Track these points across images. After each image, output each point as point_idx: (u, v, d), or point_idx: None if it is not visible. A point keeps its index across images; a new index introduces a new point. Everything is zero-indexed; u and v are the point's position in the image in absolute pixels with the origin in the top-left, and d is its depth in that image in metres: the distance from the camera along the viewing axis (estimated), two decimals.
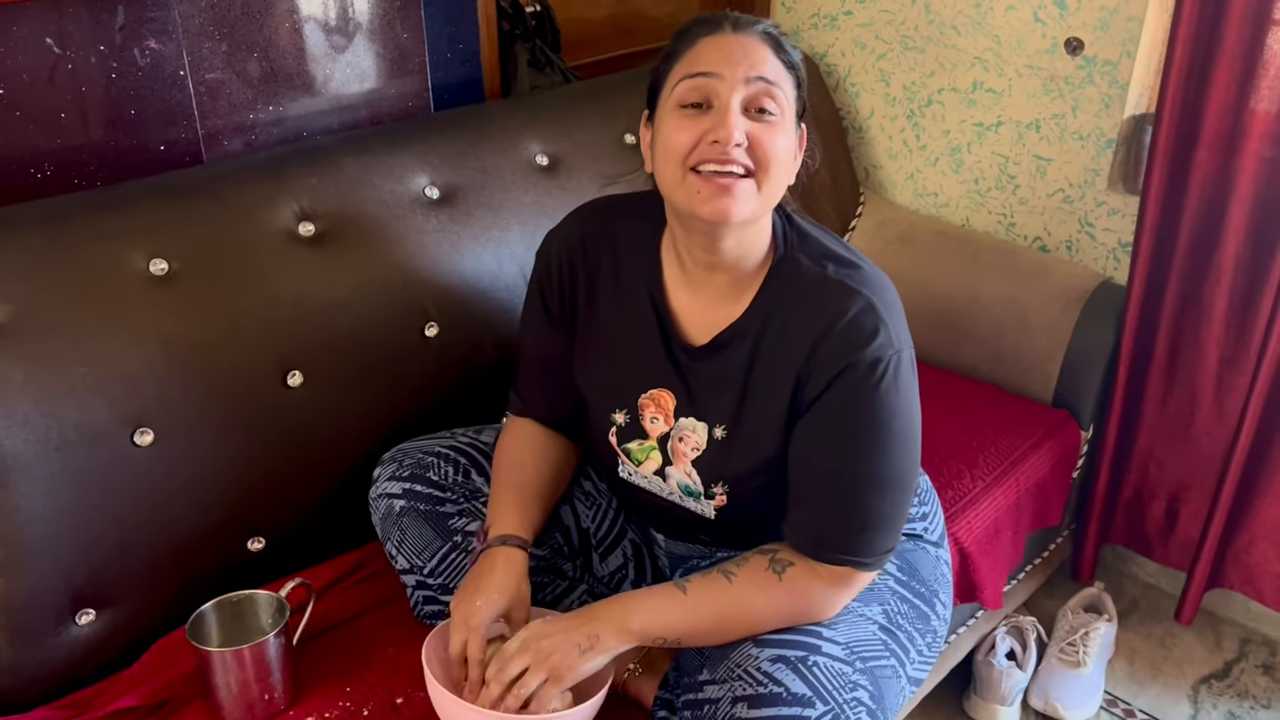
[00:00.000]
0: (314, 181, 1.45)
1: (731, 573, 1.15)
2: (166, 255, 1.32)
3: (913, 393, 1.16)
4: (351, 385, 1.44)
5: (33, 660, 1.23)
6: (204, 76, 1.49)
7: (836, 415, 1.13)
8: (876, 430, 1.12)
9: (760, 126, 1.09)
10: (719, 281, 1.18)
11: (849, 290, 1.13)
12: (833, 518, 1.15)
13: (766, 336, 1.17)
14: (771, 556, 1.16)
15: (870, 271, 1.17)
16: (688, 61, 1.11)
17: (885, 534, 1.15)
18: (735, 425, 1.19)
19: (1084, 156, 1.92)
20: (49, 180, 1.40)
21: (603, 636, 1.12)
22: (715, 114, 1.08)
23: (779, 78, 1.11)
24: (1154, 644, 1.92)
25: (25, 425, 1.19)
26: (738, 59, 1.09)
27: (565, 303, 1.29)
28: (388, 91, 1.70)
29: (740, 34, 1.11)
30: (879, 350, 1.11)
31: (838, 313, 1.12)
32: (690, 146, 1.08)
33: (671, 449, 1.24)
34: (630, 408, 1.25)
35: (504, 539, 1.22)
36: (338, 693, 1.26)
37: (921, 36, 2.05)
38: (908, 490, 1.17)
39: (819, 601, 1.15)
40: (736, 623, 1.14)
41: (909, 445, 1.16)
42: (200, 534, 1.34)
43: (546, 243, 1.31)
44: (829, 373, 1.12)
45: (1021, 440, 1.74)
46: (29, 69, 1.34)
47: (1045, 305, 1.85)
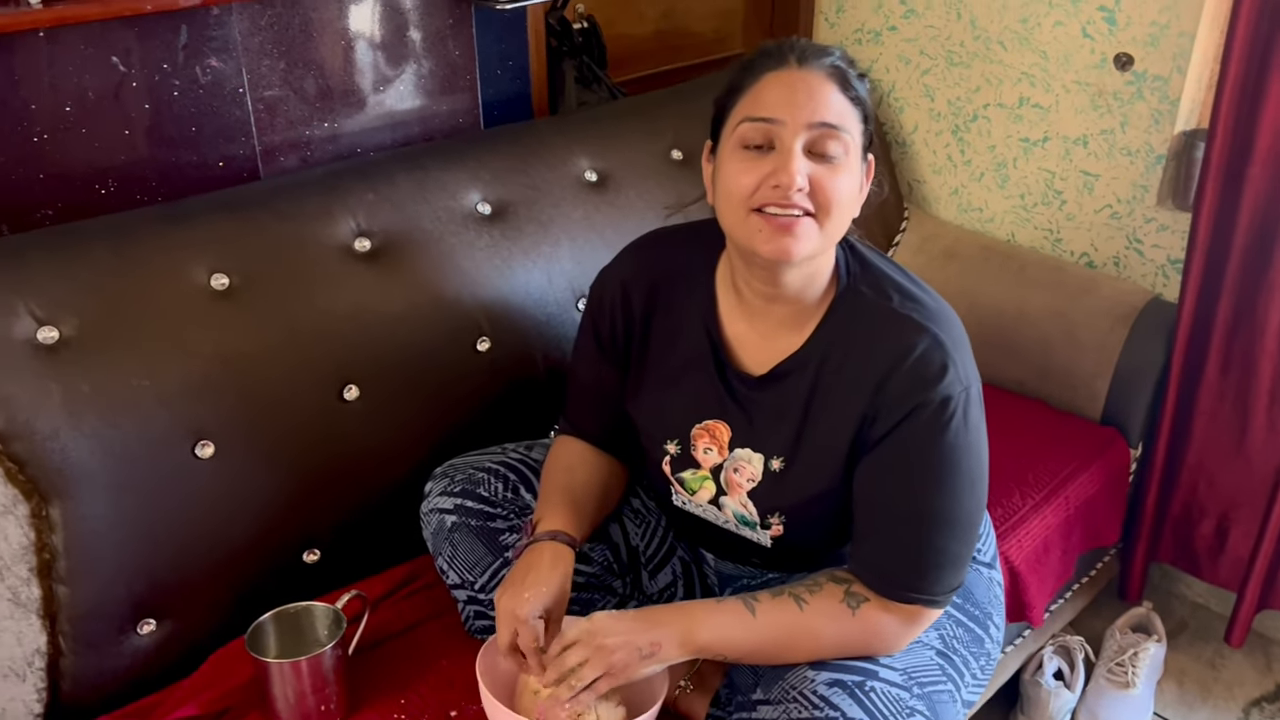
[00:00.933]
0: (370, 197, 1.47)
1: (804, 600, 1.14)
2: (228, 270, 1.34)
3: (981, 429, 1.15)
4: (405, 399, 1.45)
5: (95, 668, 1.25)
6: (262, 94, 1.52)
7: (906, 454, 1.12)
8: (946, 470, 1.12)
9: (823, 169, 1.07)
10: (779, 313, 1.18)
11: (915, 325, 1.12)
12: (901, 556, 1.14)
13: (827, 368, 1.16)
14: (847, 589, 1.15)
15: (935, 305, 1.16)
16: (750, 100, 1.09)
17: (954, 572, 1.15)
18: (793, 457, 1.19)
19: (1133, 172, 1.90)
20: (112, 196, 1.42)
21: (665, 645, 1.11)
22: (777, 157, 1.07)
23: (843, 118, 1.08)
24: (1203, 665, 1.90)
25: (91, 436, 1.21)
26: (801, 101, 1.07)
27: (618, 337, 1.29)
28: (439, 108, 1.72)
29: (806, 69, 1.08)
30: (948, 388, 1.10)
31: (905, 349, 1.11)
32: (752, 189, 1.08)
33: (726, 480, 1.23)
34: (683, 438, 1.25)
35: (553, 534, 1.22)
36: (392, 705, 1.27)
37: (967, 52, 2.05)
38: (976, 526, 1.16)
39: (889, 638, 1.15)
40: (800, 649, 1.13)
41: (977, 483, 1.15)
42: (257, 545, 1.35)
43: (601, 277, 1.31)
44: (898, 411, 1.11)
45: (1070, 458, 1.73)
46: (95, 87, 1.37)
47: (1094, 321, 1.84)
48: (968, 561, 1.17)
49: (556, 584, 1.18)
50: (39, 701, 1.23)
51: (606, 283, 1.30)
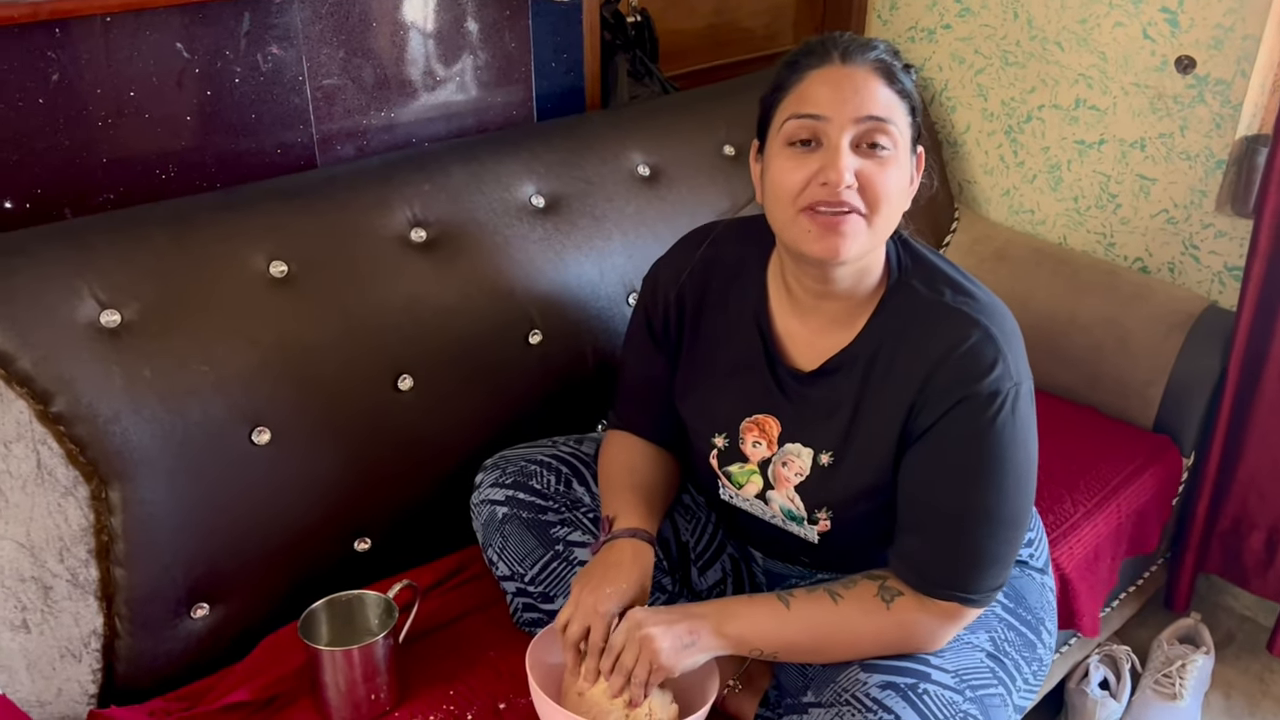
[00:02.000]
0: (426, 188, 1.47)
1: (838, 594, 1.14)
2: (286, 257, 1.35)
3: (1031, 427, 1.13)
4: (458, 391, 1.45)
5: (150, 651, 1.26)
6: (321, 82, 1.52)
7: (951, 448, 1.11)
8: (992, 466, 1.10)
9: (871, 164, 1.06)
10: (830, 309, 1.17)
11: (967, 318, 1.11)
12: (942, 552, 1.13)
13: (878, 363, 1.15)
14: (881, 584, 1.14)
15: (988, 300, 1.15)
16: (795, 98, 1.08)
17: (996, 571, 1.13)
18: (843, 452, 1.18)
19: (1191, 177, 1.88)
20: (173, 181, 1.43)
21: (702, 634, 1.11)
22: (825, 154, 1.06)
23: (891, 111, 1.07)
24: (1251, 679, 1.88)
25: (152, 421, 1.22)
26: (846, 96, 1.06)
27: (670, 330, 1.29)
28: (494, 100, 1.72)
29: (850, 65, 1.07)
30: (997, 382, 1.09)
31: (955, 342, 1.10)
32: (800, 187, 1.07)
33: (774, 474, 1.23)
34: (731, 432, 1.24)
35: (632, 531, 1.22)
36: (441, 696, 1.27)
37: (1023, 52, 2.02)
38: (1021, 527, 1.14)
39: (924, 635, 1.13)
40: (836, 644, 1.13)
41: (1024, 481, 1.13)
42: (310, 533, 1.36)
43: (654, 270, 1.31)
44: (945, 403, 1.10)
45: (1123, 465, 1.71)
46: (159, 73, 1.37)
47: (1148, 328, 1.81)
48: (1010, 561, 1.15)
49: (637, 581, 1.18)
50: (94, 682, 1.25)
51: (660, 274, 1.30)
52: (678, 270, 1.28)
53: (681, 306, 1.27)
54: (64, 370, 1.18)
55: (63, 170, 1.34)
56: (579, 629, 1.15)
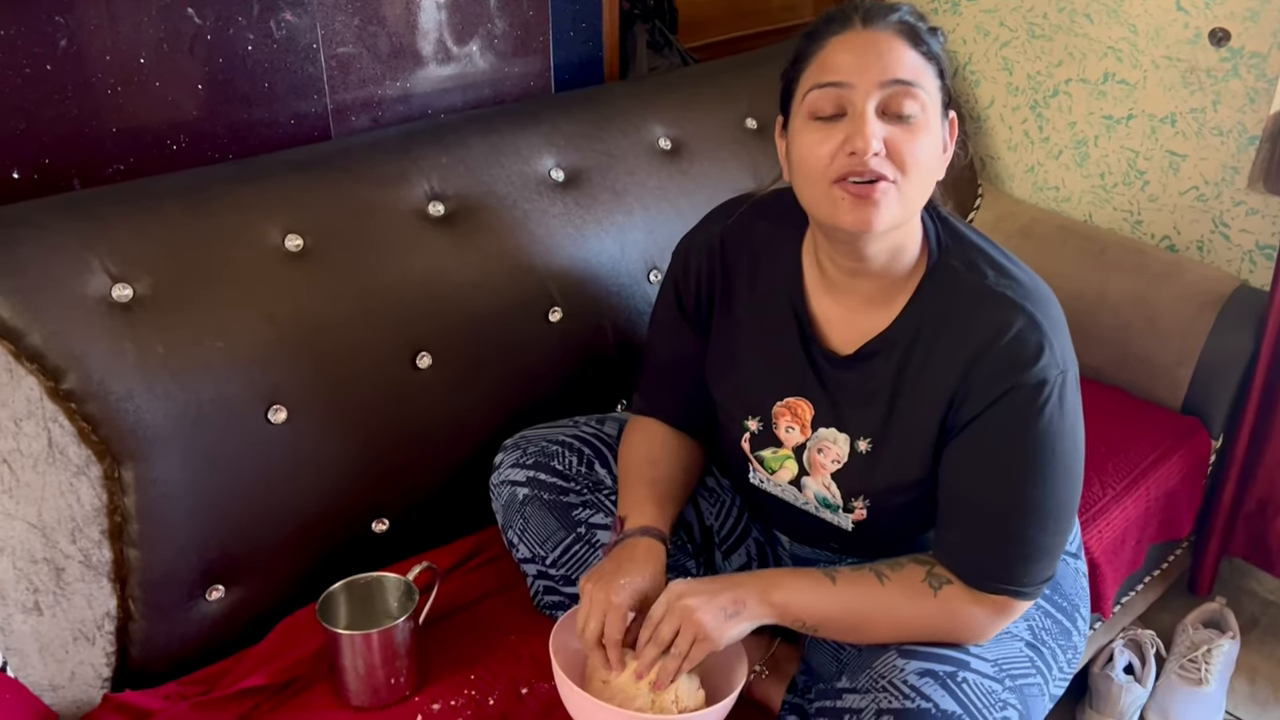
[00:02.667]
0: (444, 160, 1.43)
1: (885, 575, 1.11)
2: (301, 231, 1.31)
3: (1078, 414, 1.10)
4: (477, 369, 1.42)
5: (165, 634, 1.24)
6: (335, 50, 1.48)
7: (997, 440, 1.07)
8: (1040, 458, 1.06)
9: (899, 130, 1.02)
10: (865, 288, 1.13)
11: (1010, 304, 1.07)
12: (991, 546, 1.09)
13: (918, 347, 1.11)
14: (929, 570, 1.11)
15: (1032, 283, 1.10)
16: (817, 68, 1.04)
17: (1046, 563, 1.10)
18: (882, 439, 1.14)
19: (1223, 153, 1.83)
20: (184, 151, 1.39)
21: (748, 603, 1.08)
22: (850, 122, 1.02)
23: (918, 74, 1.03)
24: (1275, 664, 1.85)
25: (165, 398, 1.19)
26: (870, 61, 1.02)
27: (701, 305, 1.25)
28: (511, 70, 1.67)
29: (872, 29, 1.03)
30: (1044, 371, 1.05)
31: (999, 329, 1.06)
32: (828, 160, 1.02)
33: (809, 460, 1.19)
34: (764, 415, 1.21)
35: (644, 530, 1.19)
36: (462, 680, 1.25)
37: (1050, 24, 1.98)
38: (1070, 517, 1.11)
39: (974, 627, 1.10)
40: (880, 624, 1.10)
41: (1073, 471, 1.10)
42: (327, 513, 1.33)
43: (686, 242, 1.27)
44: (990, 394, 1.06)
45: (1152, 448, 1.68)
46: (170, 39, 1.33)
47: (1177, 308, 1.78)
48: (1060, 553, 1.12)
49: (650, 576, 1.15)
50: (108, 665, 1.22)
51: (690, 248, 1.26)
52: (710, 245, 1.24)
53: (713, 282, 1.24)
54: (75, 346, 1.15)
55: (71, 140, 1.30)
56: (596, 626, 1.11)
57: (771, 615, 1.10)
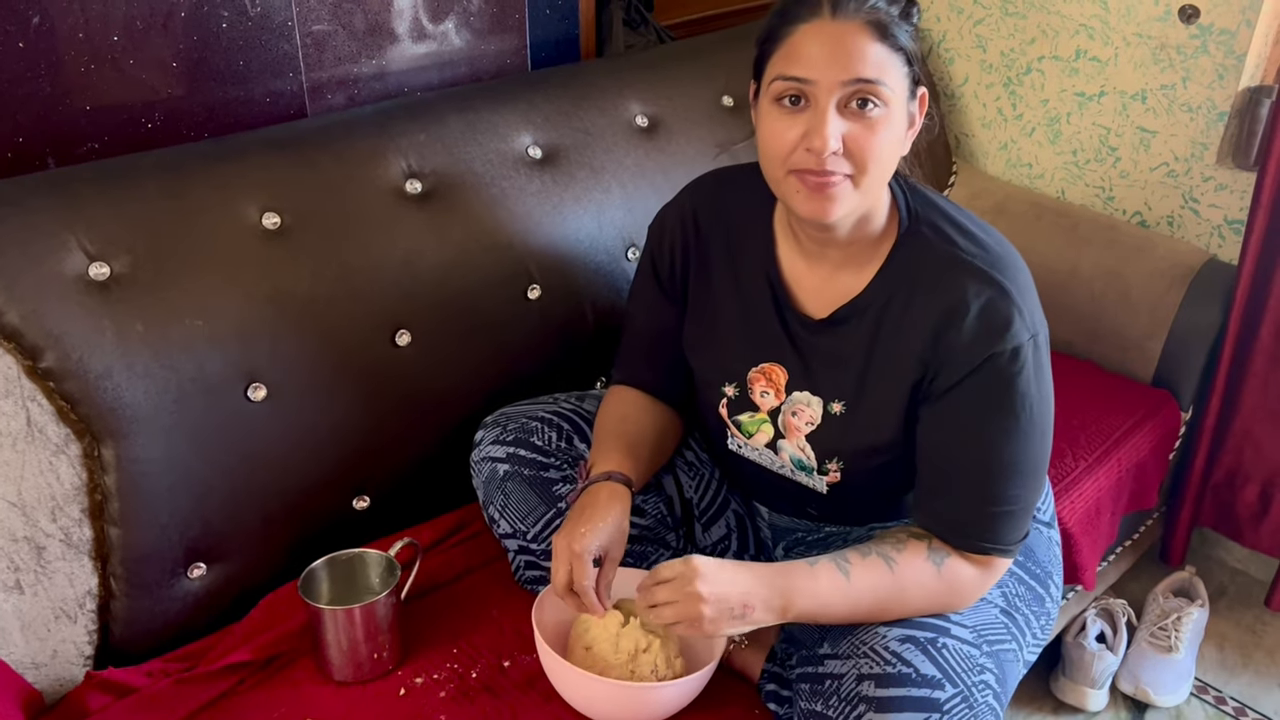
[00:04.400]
0: (421, 138, 1.43)
1: (893, 560, 1.11)
2: (279, 209, 1.31)
3: (1048, 376, 1.13)
4: (457, 346, 1.43)
5: (147, 612, 1.24)
6: (311, 28, 1.47)
7: (977, 407, 1.10)
8: (1018, 420, 1.09)
9: (859, 127, 1.03)
10: (835, 255, 1.15)
11: (979, 273, 1.09)
12: (975, 509, 1.12)
13: (890, 313, 1.13)
14: (929, 544, 1.12)
15: (1000, 249, 1.12)
16: (783, 56, 1.04)
17: (1024, 520, 1.13)
18: (854, 402, 1.17)
19: (1192, 129, 1.86)
20: (159, 130, 1.39)
21: (758, 610, 1.06)
22: (811, 116, 1.03)
23: (882, 70, 1.03)
24: (1244, 630, 1.89)
25: (145, 376, 1.19)
26: (833, 58, 1.01)
27: (677, 276, 1.27)
28: (487, 48, 1.67)
29: (840, 19, 1.02)
30: (1017, 338, 1.07)
31: (969, 299, 1.08)
32: (789, 150, 1.04)
33: (784, 423, 1.21)
34: (740, 381, 1.23)
35: (608, 475, 1.20)
36: (445, 654, 1.26)
37: (1024, 2, 1.99)
38: (1043, 472, 1.15)
39: (969, 592, 1.13)
40: (890, 612, 1.11)
41: (1046, 429, 1.13)
42: (309, 491, 1.33)
43: (661, 215, 1.29)
44: (966, 364, 1.08)
45: (1123, 419, 1.70)
46: (143, 17, 1.32)
47: (1149, 282, 1.80)
48: (1033, 508, 1.15)
49: (613, 521, 1.16)
50: (90, 644, 1.22)
51: (667, 220, 1.27)
52: (685, 217, 1.25)
53: (688, 253, 1.25)
54: (53, 325, 1.15)
55: (44, 118, 1.30)
56: (563, 575, 1.13)
57: (780, 619, 1.08)
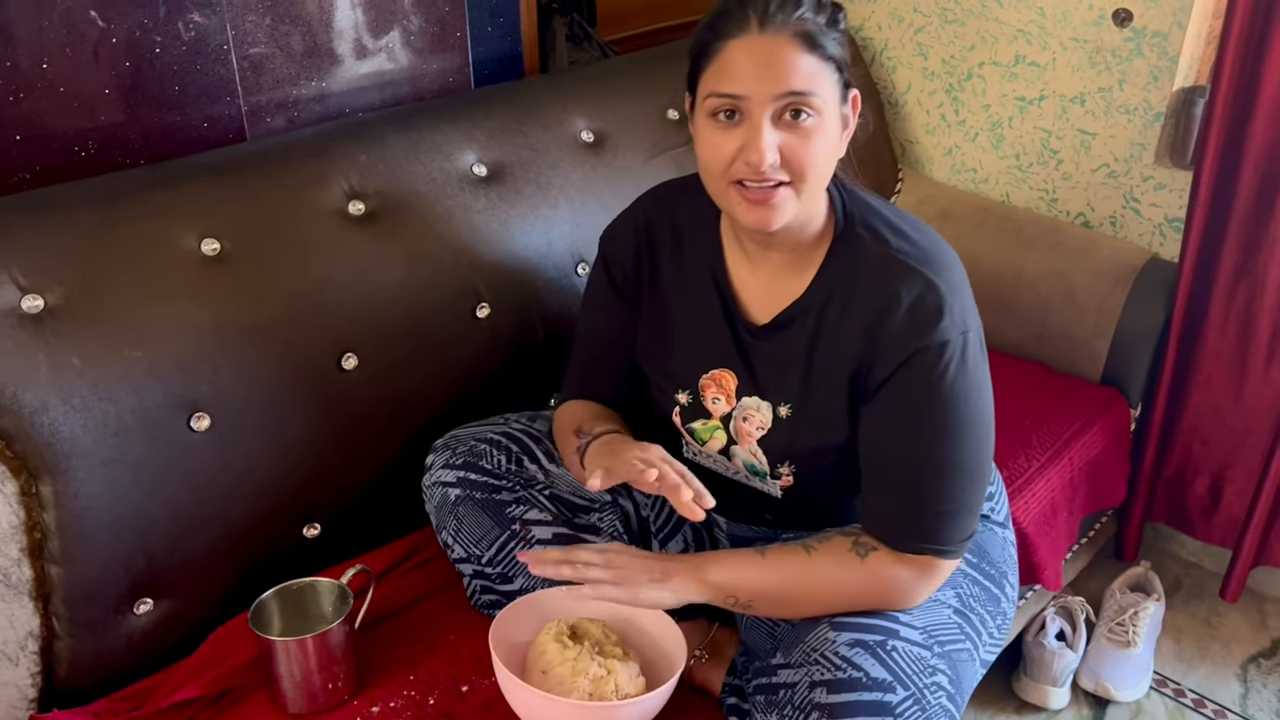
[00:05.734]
0: (363, 159, 1.42)
1: (812, 546, 1.14)
2: (218, 235, 1.29)
3: (983, 374, 1.13)
4: (405, 368, 1.41)
5: (92, 651, 1.21)
6: (247, 51, 1.45)
7: (906, 403, 1.10)
8: (948, 417, 1.10)
9: (794, 137, 1.04)
10: (777, 258, 1.16)
11: (910, 270, 1.10)
12: (911, 508, 1.12)
13: (828, 314, 1.14)
14: (855, 539, 1.14)
15: (933, 247, 1.13)
16: (715, 72, 1.05)
17: (965, 521, 1.13)
18: (801, 404, 1.17)
19: (1130, 130, 1.89)
20: (93, 158, 1.36)
21: (676, 577, 1.12)
22: (746, 130, 1.04)
23: (813, 81, 1.04)
24: (1199, 623, 1.91)
25: (83, 410, 1.16)
26: (764, 72, 1.02)
27: (631, 284, 1.27)
28: (429, 67, 1.66)
29: (768, 34, 1.02)
30: (945, 333, 1.08)
31: (899, 294, 1.09)
32: (727, 162, 1.06)
33: (735, 429, 1.22)
34: (692, 388, 1.23)
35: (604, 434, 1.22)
36: (401, 681, 1.24)
37: (962, 9, 2.02)
38: (984, 474, 1.15)
39: (902, 590, 1.13)
40: (812, 594, 1.13)
41: (982, 429, 1.13)
42: (257, 521, 1.31)
43: (613, 226, 1.29)
44: (895, 359, 1.09)
45: (1073, 419, 1.72)
46: (73, 43, 1.30)
47: (1093, 282, 1.82)
48: (978, 510, 1.15)
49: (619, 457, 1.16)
50: (33, 686, 1.19)
51: (621, 229, 1.28)
52: (637, 226, 1.26)
53: (640, 262, 1.26)
54: None
55: None
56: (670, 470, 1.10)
57: (702, 592, 1.12)
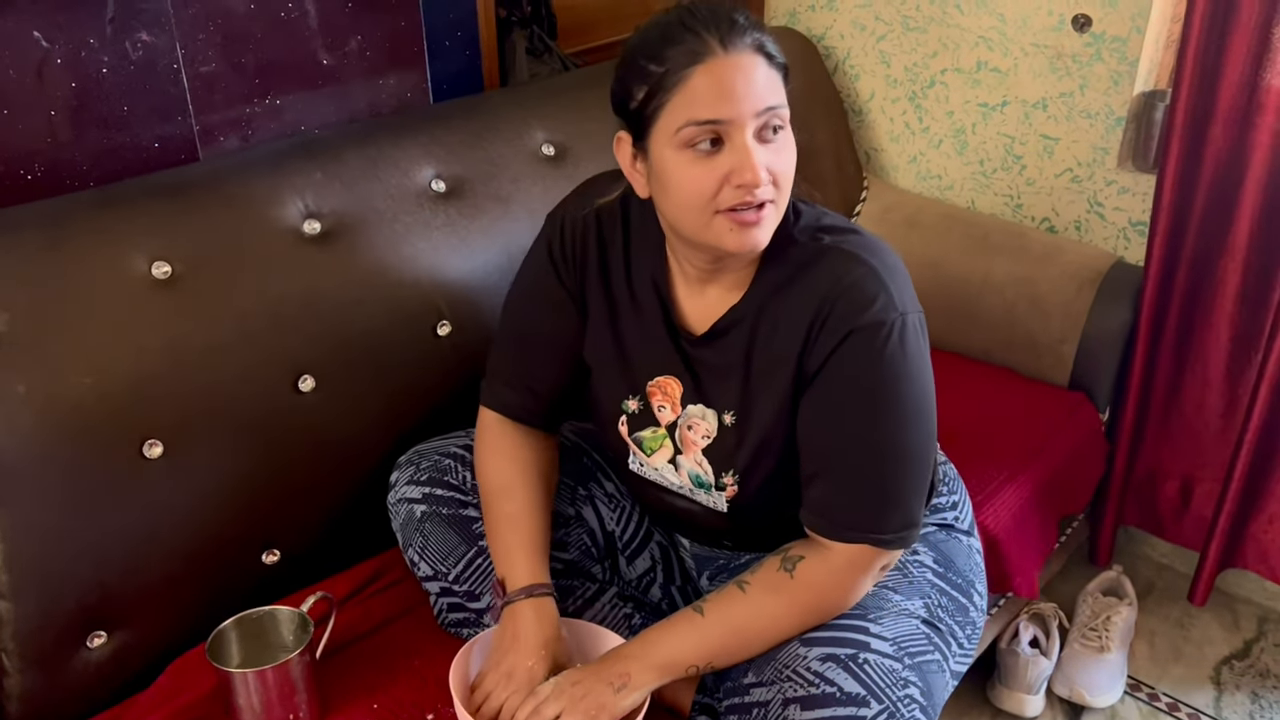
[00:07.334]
0: (318, 176, 1.40)
1: (745, 582, 1.12)
2: (169, 257, 1.26)
3: (922, 359, 1.10)
4: (365, 388, 1.39)
5: (45, 687, 1.18)
6: (198, 70, 1.43)
7: (842, 384, 1.08)
8: (884, 398, 1.08)
9: (771, 151, 1.03)
10: (724, 278, 1.14)
11: (846, 255, 1.08)
12: (846, 492, 1.10)
13: (765, 317, 1.12)
14: (783, 555, 1.12)
15: (869, 239, 1.12)
16: (685, 102, 1.00)
17: (900, 509, 1.10)
18: (743, 411, 1.15)
19: (1092, 135, 1.89)
20: (40, 181, 1.33)
21: (633, 674, 1.10)
22: (732, 155, 1.01)
23: (779, 93, 1.03)
24: (1172, 625, 1.91)
25: (29, 441, 1.13)
26: (741, 92, 1.00)
27: (578, 274, 1.22)
28: (386, 82, 1.64)
29: (733, 54, 1.00)
30: (882, 314, 1.06)
31: (836, 279, 1.07)
32: (713, 193, 1.02)
33: (681, 438, 1.20)
34: (641, 393, 1.21)
35: (527, 590, 1.17)
36: (365, 710, 1.21)
37: (923, 16, 2.02)
38: (922, 463, 1.12)
39: (835, 592, 1.11)
40: (757, 633, 1.11)
41: (921, 414, 1.10)
42: (214, 548, 1.28)
43: (562, 211, 1.24)
44: (831, 341, 1.07)
45: (1042, 425, 1.72)
46: (16, 64, 1.27)
47: (1059, 287, 1.82)
48: (918, 502, 1.12)
49: (552, 642, 1.16)
50: None
51: (568, 214, 1.23)
52: (587, 213, 1.22)
53: (585, 250, 1.21)
54: None
55: None
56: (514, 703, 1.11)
57: (661, 675, 1.11)
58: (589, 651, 1.20)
